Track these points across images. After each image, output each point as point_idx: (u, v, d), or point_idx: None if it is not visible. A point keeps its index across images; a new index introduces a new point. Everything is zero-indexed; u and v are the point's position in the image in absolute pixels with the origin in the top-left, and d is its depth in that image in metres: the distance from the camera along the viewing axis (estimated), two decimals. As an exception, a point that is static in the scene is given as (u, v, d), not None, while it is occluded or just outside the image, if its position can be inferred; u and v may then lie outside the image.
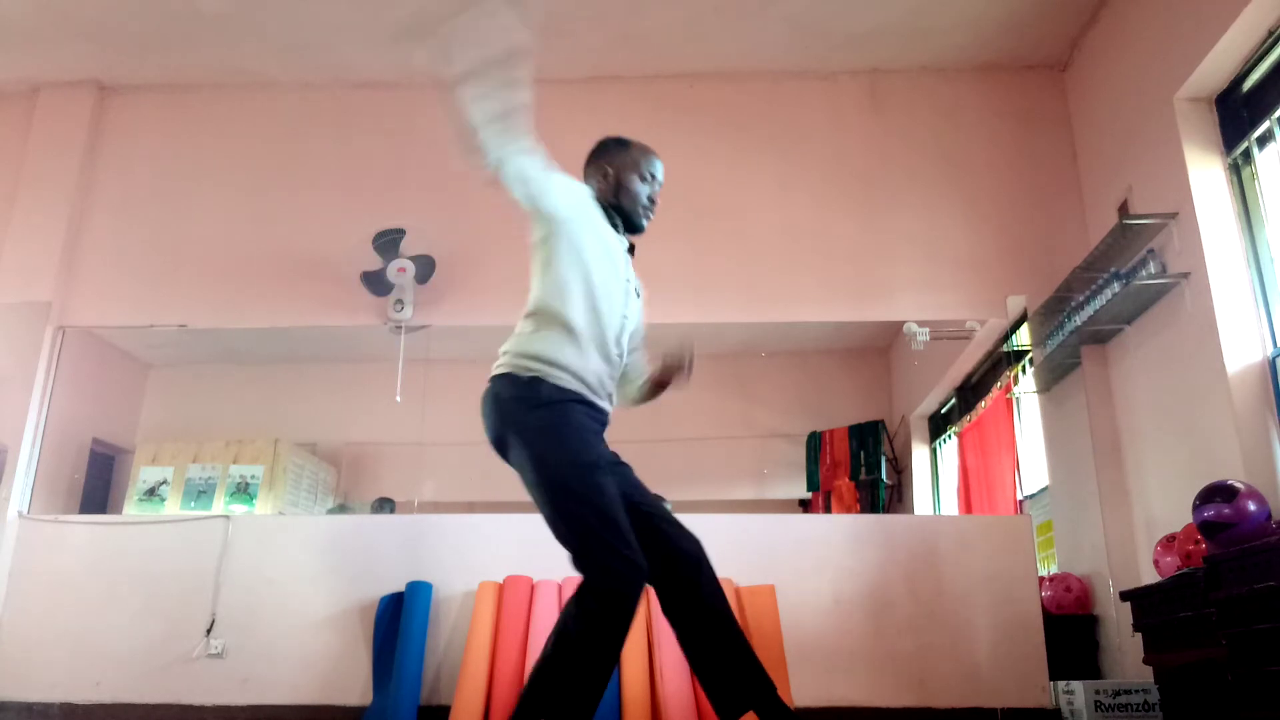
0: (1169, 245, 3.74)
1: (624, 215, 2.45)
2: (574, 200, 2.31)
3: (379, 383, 4.62)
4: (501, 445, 2.25)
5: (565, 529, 2.09)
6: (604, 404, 2.30)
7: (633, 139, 2.54)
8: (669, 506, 3.81)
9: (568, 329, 2.23)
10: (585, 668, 2.03)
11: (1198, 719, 2.98)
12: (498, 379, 2.25)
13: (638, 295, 2.45)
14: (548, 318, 2.25)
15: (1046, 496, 4.50)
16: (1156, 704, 3.38)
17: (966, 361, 4.90)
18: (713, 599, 2.17)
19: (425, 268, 4.49)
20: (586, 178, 2.50)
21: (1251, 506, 2.90)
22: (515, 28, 2.11)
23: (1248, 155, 3.54)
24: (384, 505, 4.92)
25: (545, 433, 2.15)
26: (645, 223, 2.48)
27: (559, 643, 2.06)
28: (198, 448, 5.00)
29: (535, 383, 2.18)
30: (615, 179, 2.46)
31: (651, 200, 2.48)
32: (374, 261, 4.49)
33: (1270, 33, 3.34)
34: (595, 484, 2.10)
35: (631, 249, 2.48)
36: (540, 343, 2.23)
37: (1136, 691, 3.49)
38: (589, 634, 2.02)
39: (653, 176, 2.48)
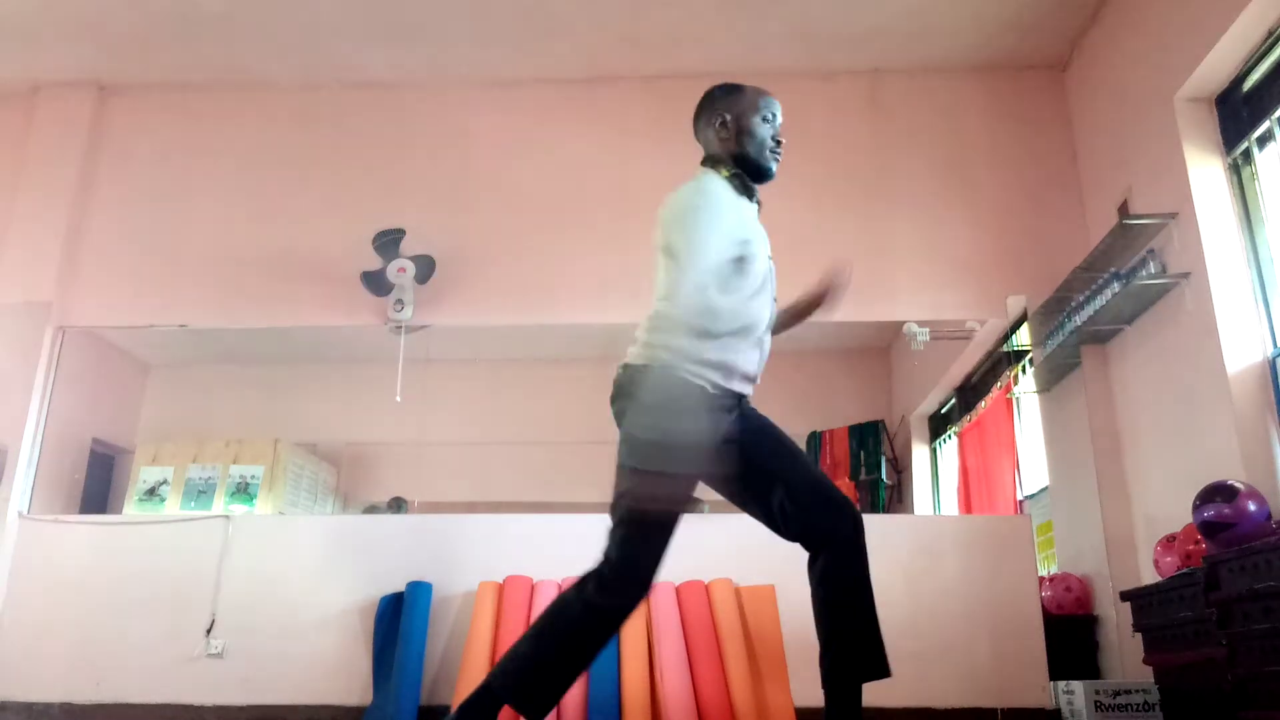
0: (1169, 245, 3.74)
1: (751, 165, 2.27)
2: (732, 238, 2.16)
3: (379, 383, 4.62)
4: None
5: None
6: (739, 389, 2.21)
7: (745, 84, 2.36)
8: (704, 508, 3.70)
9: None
10: (564, 661, 2.06)
11: (1198, 719, 2.98)
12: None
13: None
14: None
15: (1046, 496, 4.50)
16: (1156, 704, 3.38)
17: (966, 361, 4.90)
18: (830, 577, 2.13)
19: (425, 268, 4.50)
20: (699, 132, 2.35)
21: (1251, 506, 2.91)
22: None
23: (1248, 155, 3.54)
24: (398, 505, 4.92)
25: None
26: (775, 166, 2.30)
27: (546, 630, 2.08)
28: (198, 448, 5.00)
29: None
30: (735, 125, 2.28)
31: (777, 141, 2.30)
32: (374, 261, 4.50)
33: (1270, 33, 3.34)
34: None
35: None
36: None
37: (1136, 691, 3.49)
38: (581, 633, 2.06)
39: (774, 116, 2.30)
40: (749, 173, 2.29)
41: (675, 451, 2.06)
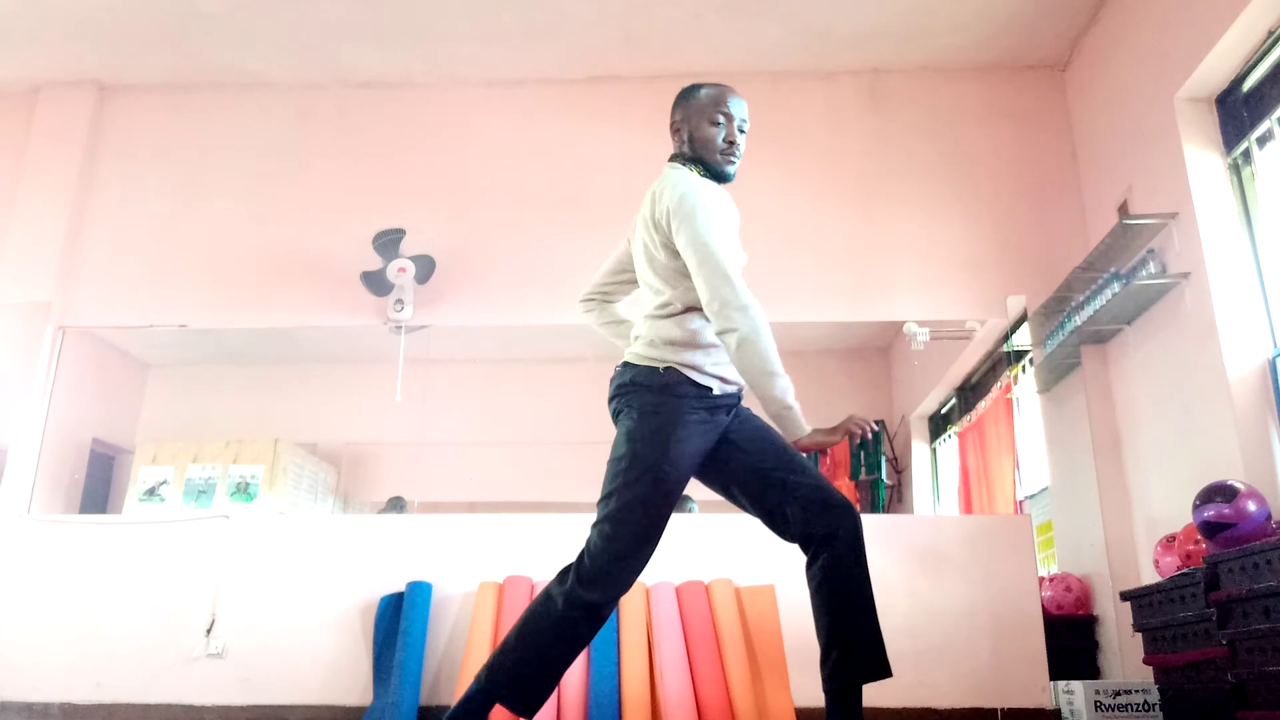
0: (1169, 245, 3.74)
1: (707, 168, 2.25)
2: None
3: (379, 383, 4.62)
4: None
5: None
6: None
7: (706, 82, 2.34)
8: (693, 507, 3.72)
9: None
10: (549, 656, 2.08)
11: (1198, 719, 2.99)
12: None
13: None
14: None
15: (1046, 496, 4.50)
16: (1156, 704, 3.38)
17: (966, 361, 4.90)
18: (830, 580, 2.10)
19: (425, 268, 4.49)
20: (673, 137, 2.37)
21: (1251, 506, 2.91)
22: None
23: (1248, 155, 3.55)
24: (396, 505, 4.91)
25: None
26: (730, 169, 2.27)
27: (530, 625, 2.10)
28: (198, 448, 4.99)
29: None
30: (687, 131, 2.27)
31: (730, 142, 2.24)
32: (374, 261, 4.49)
33: (1270, 33, 3.34)
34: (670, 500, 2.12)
35: None
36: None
37: (1136, 691, 3.49)
38: (563, 627, 2.08)
39: (727, 116, 2.25)
40: (710, 174, 2.27)
41: (676, 451, 2.07)
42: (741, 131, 2.28)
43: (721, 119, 2.25)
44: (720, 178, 2.27)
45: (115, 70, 4.84)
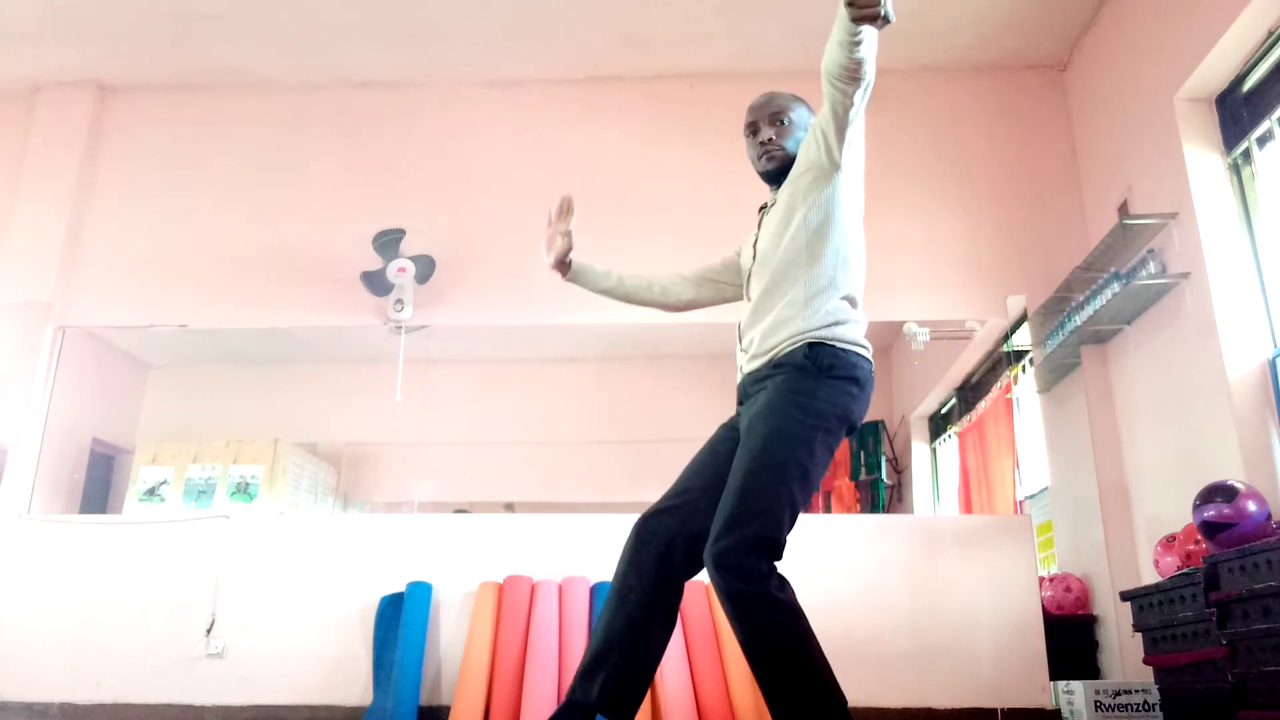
0: (1169, 245, 3.74)
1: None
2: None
3: (379, 383, 4.62)
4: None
5: None
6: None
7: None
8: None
9: None
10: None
11: (1198, 719, 2.99)
12: None
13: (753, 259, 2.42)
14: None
15: (1046, 496, 4.50)
16: (1156, 704, 3.38)
17: (966, 361, 4.90)
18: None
19: (425, 268, 4.50)
20: None
21: (1251, 506, 2.91)
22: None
23: (1248, 155, 3.55)
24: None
25: None
26: (761, 169, 2.45)
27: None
28: (198, 448, 4.99)
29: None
30: None
31: (757, 147, 2.44)
32: (374, 261, 4.49)
33: (1270, 33, 3.34)
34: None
35: (765, 206, 2.48)
36: None
37: (1136, 691, 3.49)
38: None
39: (748, 126, 2.48)
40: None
41: None
42: (753, 134, 2.46)
43: (746, 130, 2.50)
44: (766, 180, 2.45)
45: (115, 70, 4.84)
